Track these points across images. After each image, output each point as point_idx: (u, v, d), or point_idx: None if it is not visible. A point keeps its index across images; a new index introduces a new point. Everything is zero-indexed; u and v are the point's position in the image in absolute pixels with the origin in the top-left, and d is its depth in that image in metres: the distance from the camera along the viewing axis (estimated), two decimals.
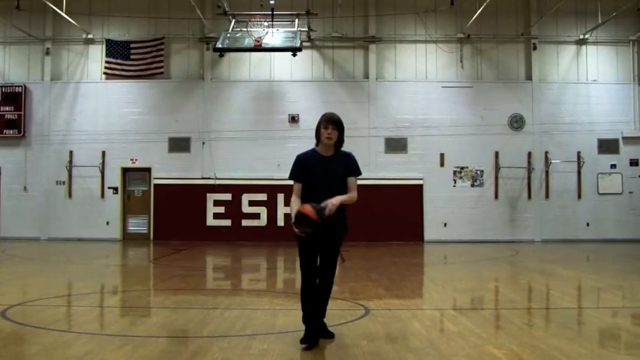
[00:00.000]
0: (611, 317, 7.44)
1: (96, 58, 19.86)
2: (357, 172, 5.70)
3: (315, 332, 5.61)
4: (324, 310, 5.78)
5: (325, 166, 5.60)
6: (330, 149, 5.66)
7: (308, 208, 5.27)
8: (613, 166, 19.58)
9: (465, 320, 6.96)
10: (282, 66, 19.32)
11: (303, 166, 5.63)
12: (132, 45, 19.57)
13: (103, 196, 19.49)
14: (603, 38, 19.74)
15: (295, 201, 5.59)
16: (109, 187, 19.55)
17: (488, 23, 19.38)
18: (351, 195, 5.64)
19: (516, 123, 19.61)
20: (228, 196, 19.05)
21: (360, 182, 5.78)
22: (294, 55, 17.76)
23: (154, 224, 19.45)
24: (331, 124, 5.56)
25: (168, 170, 19.46)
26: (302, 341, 5.54)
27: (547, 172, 19.46)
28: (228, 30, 17.98)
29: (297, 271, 7.72)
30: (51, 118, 19.66)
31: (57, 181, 19.52)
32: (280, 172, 17.12)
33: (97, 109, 19.58)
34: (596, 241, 18.98)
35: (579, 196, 19.48)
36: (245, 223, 18.97)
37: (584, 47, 19.89)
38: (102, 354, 5.32)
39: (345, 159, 5.70)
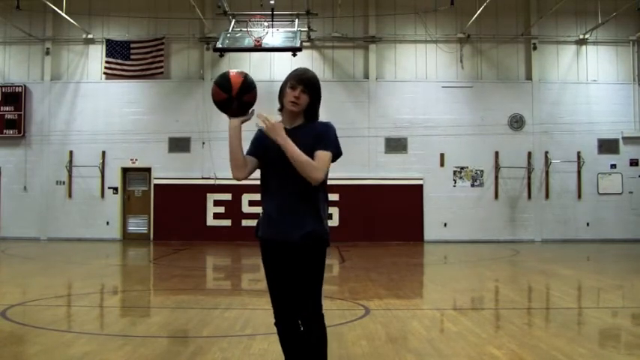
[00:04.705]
0: (611, 317, 7.44)
1: (96, 58, 19.86)
2: (329, 145, 3.66)
3: None
4: None
5: None
6: (296, 119, 3.79)
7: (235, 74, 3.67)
8: (613, 166, 19.58)
9: (465, 320, 6.96)
10: (282, 66, 19.29)
11: (260, 142, 3.81)
12: (132, 45, 19.57)
13: (103, 196, 19.49)
14: (603, 38, 19.74)
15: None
16: (109, 187, 19.54)
17: (488, 23, 19.38)
18: (309, 159, 3.56)
19: (516, 123, 19.62)
20: (228, 196, 19.05)
21: (360, 182, 5.62)
22: (294, 55, 17.76)
23: (154, 224, 19.45)
24: (301, 83, 3.70)
25: (168, 170, 19.46)
26: None
27: (547, 172, 19.46)
28: (228, 30, 17.97)
29: None
30: (51, 118, 19.66)
31: (57, 181, 19.52)
32: None
33: (97, 109, 19.58)
34: (596, 241, 18.98)
35: (579, 196, 19.48)
36: (245, 223, 18.94)
37: (584, 47, 19.89)
38: (102, 354, 5.32)
39: (316, 128, 3.74)
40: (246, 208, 18.91)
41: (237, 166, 3.72)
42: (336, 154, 3.70)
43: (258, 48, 17.13)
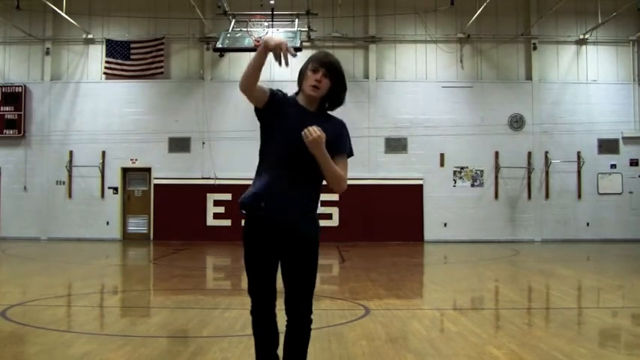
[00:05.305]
0: (611, 317, 7.44)
1: (96, 58, 19.86)
2: (350, 150, 3.68)
3: None
4: None
5: (305, 120, 3.46)
6: (313, 104, 3.59)
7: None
8: (613, 166, 19.58)
9: (465, 320, 6.96)
10: (282, 66, 19.27)
11: (282, 98, 3.60)
12: (132, 45, 19.57)
13: (103, 196, 19.49)
14: (603, 38, 19.74)
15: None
16: (109, 187, 19.55)
17: (488, 23, 19.38)
18: (342, 173, 3.54)
19: (516, 123, 19.62)
20: (228, 196, 19.00)
21: (360, 182, 5.58)
22: (295, 55, 17.72)
23: (154, 224, 19.45)
24: (324, 67, 3.54)
25: (168, 170, 19.46)
26: None
27: (547, 172, 19.46)
28: (228, 30, 17.96)
29: None
30: (51, 118, 19.66)
31: (57, 181, 19.52)
32: None
33: (97, 109, 19.58)
34: (596, 241, 18.98)
35: (579, 196, 19.48)
36: None
37: (584, 47, 19.89)
38: (102, 354, 5.32)
39: (337, 125, 3.64)
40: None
41: (252, 78, 3.51)
42: (352, 155, 3.69)
43: (258, 48, 17.11)
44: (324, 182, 3.60)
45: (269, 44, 3.41)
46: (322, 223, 3.73)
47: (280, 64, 3.40)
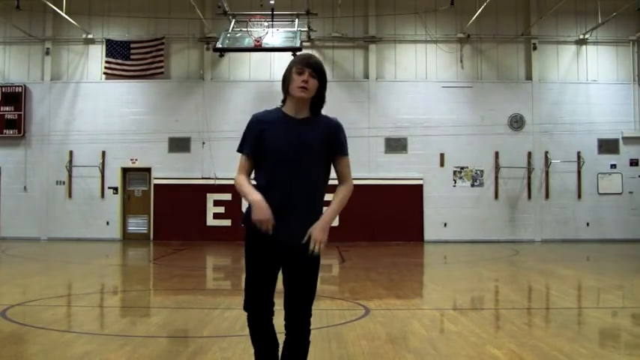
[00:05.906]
0: (611, 317, 7.44)
1: (96, 58, 19.86)
2: (346, 149, 3.64)
3: None
4: None
5: (297, 131, 3.48)
6: (303, 108, 3.52)
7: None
8: (613, 166, 19.58)
9: (465, 320, 6.96)
10: (282, 66, 18.95)
11: (259, 130, 3.50)
12: (132, 45, 19.57)
13: (103, 196, 19.49)
14: (603, 38, 19.74)
15: (244, 180, 3.55)
16: (109, 187, 19.54)
17: (488, 23, 19.38)
18: (344, 195, 3.57)
19: (516, 123, 19.62)
20: (228, 196, 19.02)
21: (360, 182, 5.52)
22: (294, 55, 17.75)
23: (154, 224, 19.45)
24: (309, 67, 3.46)
25: (169, 170, 19.46)
26: None
27: (547, 172, 19.46)
28: (228, 30, 17.97)
29: None
30: (51, 118, 19.66)
31: (57, 181, 19.52)
32: None
33: (97, 109, 19.58)
34: (596, 241, 18.98)
35: (579, 196, 19.48)
36: None
37: (584, 47, 19.89)
38: (102, 354, 5.32)
39: (328, 125, 3.57)
40: (246, 208, 18.85)
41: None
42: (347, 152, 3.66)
43: (258, 48, 17.13)
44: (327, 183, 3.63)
45: (253, 213, 3.46)
46: None
47: (259, 231, 3.43)
